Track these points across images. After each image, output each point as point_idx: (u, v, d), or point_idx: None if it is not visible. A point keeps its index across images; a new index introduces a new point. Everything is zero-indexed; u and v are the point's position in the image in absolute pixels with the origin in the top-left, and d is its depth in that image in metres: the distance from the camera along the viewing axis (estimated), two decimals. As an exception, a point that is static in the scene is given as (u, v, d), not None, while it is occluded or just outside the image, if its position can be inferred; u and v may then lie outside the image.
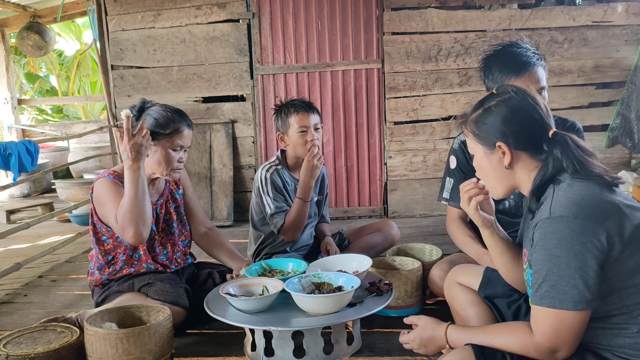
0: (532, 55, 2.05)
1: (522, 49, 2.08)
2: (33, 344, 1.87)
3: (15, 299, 2.93)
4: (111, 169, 2.25)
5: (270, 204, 2.56)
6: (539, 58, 2.07)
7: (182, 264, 2.41)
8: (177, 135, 2.19)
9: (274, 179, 2.57)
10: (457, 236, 2.25)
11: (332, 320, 1.83)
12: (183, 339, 2.20)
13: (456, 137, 2.38)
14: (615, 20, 4.20)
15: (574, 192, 1.27)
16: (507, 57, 2.08)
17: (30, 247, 4.08)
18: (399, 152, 4.45)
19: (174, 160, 2.21)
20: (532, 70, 2.03)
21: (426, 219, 4.38)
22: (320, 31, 4.39)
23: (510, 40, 2.17)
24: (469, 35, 4.28)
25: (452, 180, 2.33)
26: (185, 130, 2.22)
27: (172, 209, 2.38)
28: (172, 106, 2.27)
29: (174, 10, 4.48)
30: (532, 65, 2.03)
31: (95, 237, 2.26)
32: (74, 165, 6.05)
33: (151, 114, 2.20)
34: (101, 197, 2.16)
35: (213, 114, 4.57)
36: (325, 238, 2.74)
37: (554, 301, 1.22)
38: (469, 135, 1.48)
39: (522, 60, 2.04)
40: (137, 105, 2.27)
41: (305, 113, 2.53)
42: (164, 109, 2.22)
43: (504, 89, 1.47)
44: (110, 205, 2.11)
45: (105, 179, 2.17)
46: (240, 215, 4.54)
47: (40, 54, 6.19)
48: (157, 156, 2.19)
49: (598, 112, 4.35)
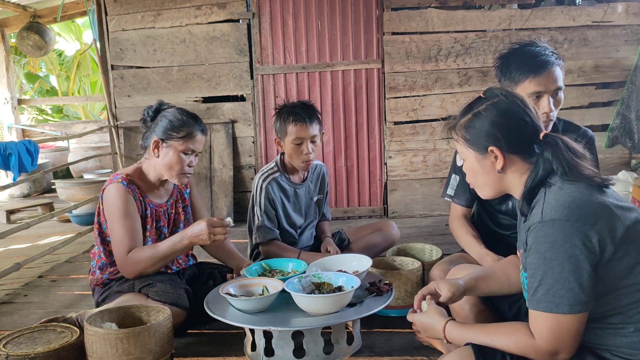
0: (550, 55, 2.05)
1: (540, 47, 2.08)
2: (33, 344, 1.87)
3: (15, 299, 2.93)
4: (124, 173, 2.22)
5: (259, 216, 2.56)
6: (557, 57, 2.07)
7: (184, 264, 2.41)
8: (190, 140, 2.19)
9: (268, 189, 2.55)
10: (460, 235, 2.24)
11: (332, 320, 1.83)
12: (183, 339, 2.20)
13: None
14: (615, 20, 4.20)
15: (565, 194, 1.28)
16: (527, 55, 2.07)
17: (30, 247, 4.08)
18: (399, 152, 4.45)
19: (185, 164, 2.20)
20: (550, 70, 2.03)
21: (426, 219, 4.38)
22: (320, 31, 4.39)
23: (529, 39, 2.19)
24: (469, 35, 4.28)
25: (458, 177, 2.32)
26: (198, 135, 2.21)
27: (180, 209, 2.39)
28: (187, 110, 2.27)
29: (174, 10, 4.48)
30: (552, 65, 2.03)
31: (100, 236, 2.26)
32: (74, 165, 6.05)
33: (166, 116, 2.20)
34: (111, 208, 2.15)
35: (213, 114, 4.57)
36: (325, 239, 2.73)
37: (550, 305, 1.22)
38: (459, 140, 1.47)
39: (542, 60, 2.04)
40: (153, 106, 2.27)
41: (303, 124, 2.46)
42: (179, 112, 2.22)
43: (492, 92, 1.46)
44: (117, 225, 2.13)
45: (118, 185, 2.15)
46: (240, 215, 4.54)
47: (40, 54, 6.19)
48: (168, 159, 2.19)
49: (598, 112, 4.35)
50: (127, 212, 2.13)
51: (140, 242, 2.16)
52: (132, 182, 2.19)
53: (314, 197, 2.74)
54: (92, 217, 4.50)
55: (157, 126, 2.20)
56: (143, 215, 2.21)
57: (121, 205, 2.12)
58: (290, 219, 2.65)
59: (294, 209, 2.65)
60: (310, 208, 2.74)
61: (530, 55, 2.07)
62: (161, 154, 2.19)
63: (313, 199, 2.74)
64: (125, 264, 2.13)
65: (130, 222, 2.13)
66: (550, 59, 2.05)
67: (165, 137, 2.17)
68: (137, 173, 2.26)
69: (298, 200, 2.67)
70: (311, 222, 2.78)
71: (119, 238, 2.12)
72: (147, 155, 2.26)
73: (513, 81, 2.08)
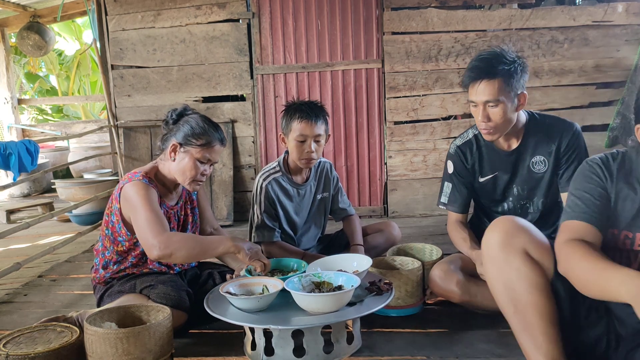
0: (492, 66, 2.04)
1: (487, 56, 2.08)
2: (33, 344, 1.87)
3: (15, 298, 2.92)
4: (142, 171, 2.20)
5: (258, 215, 2.55)
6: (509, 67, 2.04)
7: (186, 265, 2.41)
8: (208, 149, 2.17)
9: (268, 189, 2.54)
10: (453, 238, 2.37)
11: (332, 319, 1.83)
12: (183, 339, 2.20)
13: (453, 141, 2.41)
14: (615, 20, 4.20)
15: None
16: (470, 64, 2.11)
17: (30, 246, 4.09)
18: (399, 151, 4.45)
19: (199, 172, 2.18)
20: (478, 82, 2.06)
21: (426, 218, 4.38)
22: (320, 31, 4.39)
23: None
24: (469, 35, 4.28)
25: (450, 184, 2.37)
26: (217, 145, 2.20)
27: (189, 210, 2.38)
28: (210, 119, 2.25)
29: (173, 10, 4.48)
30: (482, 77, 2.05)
31: (112, 235, 2.24)
32: (74, 165, 6.05)
33: (189, 122, 2.19)
34: (135, 202, 2.10)
35: (213, 114, 4.57)
36: (353, 247, 2.63)
37: None
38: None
39: (472, 73, 2.08)
40: (178, 109, 2.26)
41: (308, 122, 2.44)
42: (202, 119, 2.21)
43: None
44: (143, 212, 2.06)
45: (139, 182, 2.12)
46: (240, 215, 4.54)
47: (40, 53, 6.19)
48: (183, 164, 2.18)
49: (598, 111, 4.35)
50: (153, 202, 2.10)
51: (168, 229, 2.10)
52: (152, 181, 2.19)
53: (317, 196, 2.72)
54: (92, 217, 4.55)
55: (178, 130, 2.19)
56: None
57: (146, 197, 2.09)
58: (290, 219, 2.64)
59: (295, 210, 2.64)
60: (314, 208, 2.72)
61: (471, 65, 2.10)
62: (177, 158, 2.18)
63: (317, 198, 2.72)
64: (160, 242, 2.00)
65: (157, 209, 2.09)
66: (488, 70, 2.04)
67: (184, 142, 2.17)
68: (154, 173, 2.25)
69: (300, 200, 2.65)
70: (315, 223, 2.76)
71: (147, 222, 2.04)
72: (164, 156, 2.25)
73: (465, 86, 2.15)
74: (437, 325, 2.22)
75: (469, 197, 2.39)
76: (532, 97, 4.28)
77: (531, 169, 2.25)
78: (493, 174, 2.31)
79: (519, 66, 2.07)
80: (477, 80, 2.06)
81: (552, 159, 2.21)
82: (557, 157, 2.21)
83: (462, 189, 2.36)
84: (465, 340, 2.07)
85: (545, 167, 2.23)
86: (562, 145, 2.19)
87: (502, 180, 2.30)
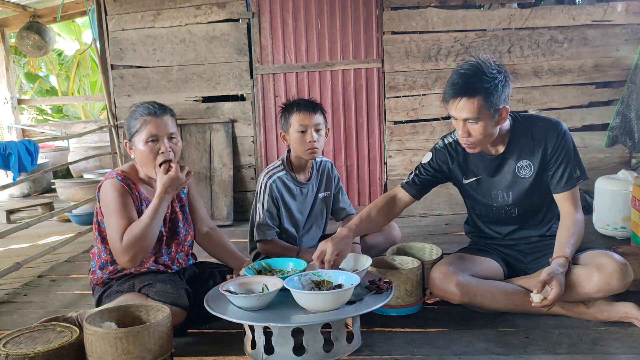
0: (471, 83, 2.03)
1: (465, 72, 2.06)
2: (33, 344, 1.87)
3: (15, 298, 2.92)
4: (119, 169, 2.23)
5: (261, 214, 2.57)
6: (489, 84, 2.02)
7: (184, 264, 2.40)
8: (145, 128, 2.15)
9: (273, 188, 2.55)
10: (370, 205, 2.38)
11: (331, 317, 1.83)
12: (183, 339, 2.20)
13: (445, 136, 2.41)
14: (615, 19, 4.20)
15: None
16: (450, 79, 2.11)
17: (30, 246, 4.08)
18: (399, 151, 4.45)
19: (155, 152, 2.15)
20: (456, 99, 2.06)
21: (426, 218, 4.38)
22: (320, 31, 4.39)
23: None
24: (469, 35, 4.28)
25: (417, 172, 2.39)
26: (151, 118, 2.16)
27: (177, 208, 2.37)
28: (144, 102, 2.26)
29: (173, 10, 4.48)
30: (459, 94, 2.04)
31: (100, 235, 2.25)
32: (73, 165, 6.05)
33: (126, 119, 2.24)
34: (107, 202, 2.14)
35: (213, 114, 4.57)
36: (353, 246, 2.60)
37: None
38: None
39: (451, 90, 2.08)
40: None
41: (306, 112, 2.51)
42: (134, 108, 2.23)
43: None
44: (113, 217, 2.10)
45: (113, 181, 2.15)
46: (240, 215, 4.54)
47: (40, 53, 6.19)
48: (140, 154, 2.18)
49: (598, 111, 4.35)
50: (124, 204, 2.12)
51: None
52: (128, 178, 2.20)
53: (319, 195, 2.73)
54: (92, 216, 4.52)
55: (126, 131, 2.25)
56: (139, 210, 2.20)
57: (117, 198, 2.12)
58: (292, 218, 2.64)
59: (298, 208, 2.65)
60: (316, 207, 2.72)
61: (451, 79, 2.09)
62: (135, 154, 2.21)
63: (319, 197, 2.73)
64: (121, 252, 2.06)
65: (126, 213, 2.11)
66: (467, 89, 2.03)
67: (129, 136, 2.20)
68: (132, 170, 2.27)
69: (303, 199, 2.66)
70: (316, 223, 2.77)
71: (115, 229, 2.09)
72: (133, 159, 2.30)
73: (445, 101, 2.14)
74: (437, 325, 2.22)
75: (424, 190, 2.43)
76: (531, 96, 4.29)
77: (517, 173, 2.24)
78: (476, 177, 2.32)
79: (500, 82, 2.04)
80: (457, 97, 2.05)
81: (538, 162, 2.20)
82: (544, 160, 2.20)
83: (424, 180, 2.38)
84: (464, 339, 2.07)
85: (531, 171, 2.22)
86: (549, 148, 2.18)
87: (486, 183, 2.31)
